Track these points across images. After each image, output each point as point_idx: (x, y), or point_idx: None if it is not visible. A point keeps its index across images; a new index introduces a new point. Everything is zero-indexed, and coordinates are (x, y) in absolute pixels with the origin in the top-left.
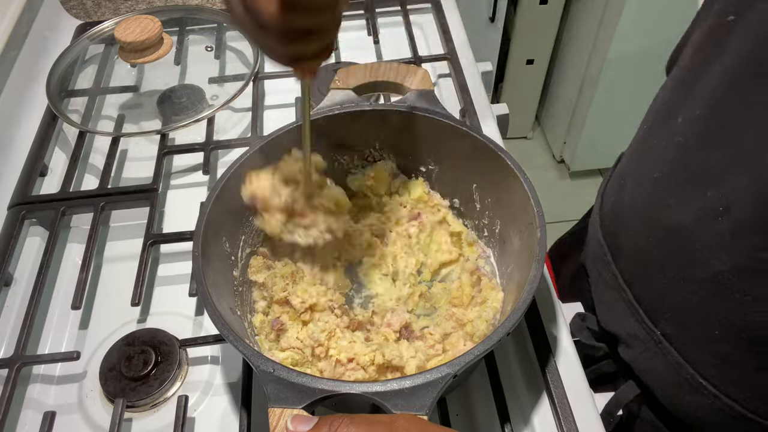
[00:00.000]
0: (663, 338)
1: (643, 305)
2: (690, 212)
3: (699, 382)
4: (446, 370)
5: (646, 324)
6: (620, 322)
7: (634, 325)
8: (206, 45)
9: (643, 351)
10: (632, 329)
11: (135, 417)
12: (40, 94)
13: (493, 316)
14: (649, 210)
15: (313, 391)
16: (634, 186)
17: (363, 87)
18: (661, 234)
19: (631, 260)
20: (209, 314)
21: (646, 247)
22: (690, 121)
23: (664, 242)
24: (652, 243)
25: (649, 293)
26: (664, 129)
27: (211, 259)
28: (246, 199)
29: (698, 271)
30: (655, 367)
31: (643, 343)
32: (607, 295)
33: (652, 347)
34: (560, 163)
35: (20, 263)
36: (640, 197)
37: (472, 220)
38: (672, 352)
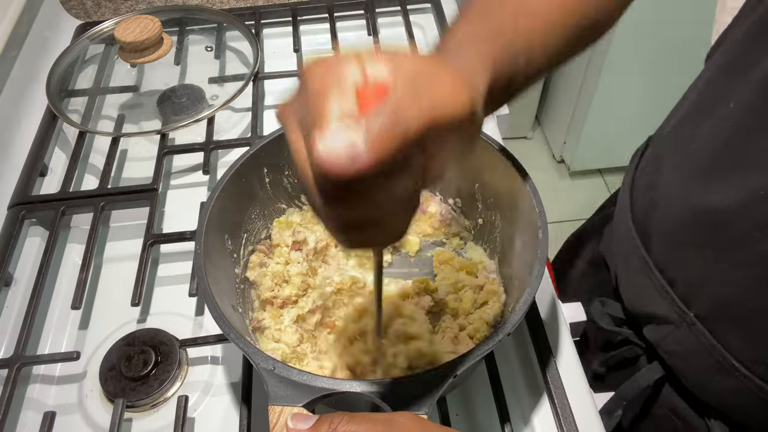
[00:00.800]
0: (696, 320)
1: (677, 288)
2: (738, 195)
3: (731, 364)
4: (447, 370)
5: (679, 306)
6: (650, 305)
7: (665, 307)
8: (206, 45)
9: (673, 331)
10: (663, 311)
11: (135, 417)
12: (40, 94)
13: (494, 317)
14: (690, 193)
15: (313, 390)
16: (672, 170)
17: None
18: (702, 217)
19: (665, 243)
20: (210, 311)
21: (684, 230)
22: (742, 105)
23: (706, 225)
24: (691, 226)
25: (683, 276)
26: (709, 114)
27: (213, 256)
28: None
29: (742, 254)
30: (684, 348)
31: (674, 324)
32: (635, 279)
33: (684, 329)
34: (560, 163)
35: (20, 263)
36: (679, 181)
37: (473, 220)
38: (705, 333)
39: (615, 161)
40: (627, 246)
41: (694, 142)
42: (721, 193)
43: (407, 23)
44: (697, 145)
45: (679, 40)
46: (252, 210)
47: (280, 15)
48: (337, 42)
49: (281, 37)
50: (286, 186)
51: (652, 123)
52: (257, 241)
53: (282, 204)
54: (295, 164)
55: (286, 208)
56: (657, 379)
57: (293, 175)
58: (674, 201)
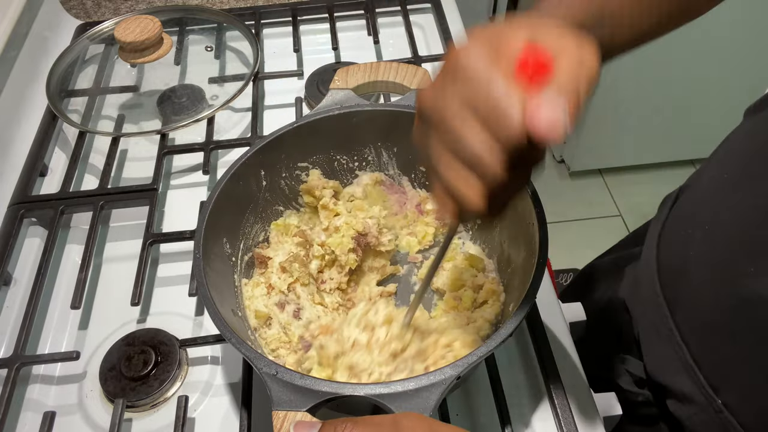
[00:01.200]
0: (724, 408)
1: (704, 370)
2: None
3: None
4: (450, 372)
5: (705, 390)
6: (673, 379)
7: (690, 386)
8: (206, 45)
9: (698, 413)
10: (688, 390)
11: (135, 417)
12: (40, 94)
13: (495, 317)
14: (723, 273)
15: (316, 394)
16: (706, 241)
17: (362, 87)
18: (735, 302)
19: (694, 321)
20: (211, 316)
21: (716, 312)
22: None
23: (739, 312)
24: (723, 309)
25: (712, 359)
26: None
27: (212, 259)
28: None
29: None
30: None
31: (700, 406)
32: (659, 347)
33: (711, 413)
34: (560, 163)
35: (20, 263)
36: (713, 255)
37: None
38: (733, 422)
39: (615, 161)
40: (651, 310)
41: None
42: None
43: (407, 23)
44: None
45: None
46: (249, 213)
47: (280, 15)
48: (337, 41)
49: (281, 37)
50: (284, 188)
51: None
52: (255, 244)
53: (279, 206)
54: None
55: (283, 210)
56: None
57: (290, 177)
58: (707, 279)
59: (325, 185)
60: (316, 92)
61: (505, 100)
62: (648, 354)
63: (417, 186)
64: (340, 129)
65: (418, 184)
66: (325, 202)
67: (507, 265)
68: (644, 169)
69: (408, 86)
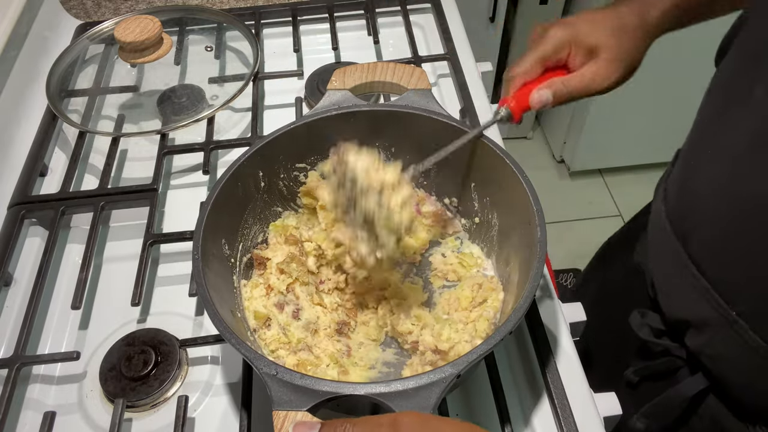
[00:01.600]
0: (739, 318)
1: (719, 288)
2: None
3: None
4: (450, 370)
5: (722, 306)
6: (690, 308)
7: (706, 309)
8: (206, 45)
9: (715, 335)
10: (704, 314)
11: (135, 417)
12: (40, 94)
13: (494, 316)
14: (728, 186)
15: (316, 393)
16: (707, 167)
17: (360, 87)
18: (743, 207)
19: (704, 242)
20: (210, 317)
21: (724, 224)
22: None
23: (746, 216)
24: (732, 219)
25: (725, 273)
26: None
27: (211, 260)
28: None
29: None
30: (728, 350)
31: (716, 327)
32: (675, 284)
33: (727, 330)
34: (560, 163)
35: (20, 263)
36: (715, 175)
37: (469, 219)
38: (748, 332)
39: (615, 161)
40: (665, 251)
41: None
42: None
43: (407, 23)
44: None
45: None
46: (248, 214)
47: (280, 15)
48: (337, 41)
49: (281, 37)
50: (282, 189)
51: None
52: (254, 246)
53: (278, 207)
54: None
55: (282, 212)
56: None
57: (288, 178)
58: (715, 194)
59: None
60: (316, 92)
61: None
62: (665, 297)
63: (415, 186)
64: (337, 130)
65: (416, 185)
66: (323, 204)
67: (506, 264)
68: (644, 169)
69: (405, 86)
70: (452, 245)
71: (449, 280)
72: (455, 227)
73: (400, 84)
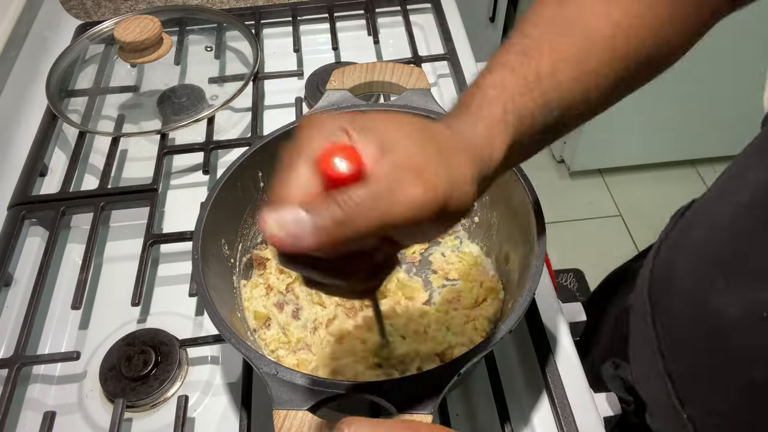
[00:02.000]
0: (688, 422)
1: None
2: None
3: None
4: (450, 369)
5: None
6: (650, 388)
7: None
8: (206, 45)
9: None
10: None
11: (135, 417)
12: (40, 94)
13: (494, 315)
14: (698, 286)
15: (317, 393)
16: (691, 255)
17: (359, 87)
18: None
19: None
20: (210, 317)
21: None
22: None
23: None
24: (694, 322)
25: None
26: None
27: (211, 260)
28: None
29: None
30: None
31: (670, 420)
32: (641, 355)
33: (678, 427)
34: (560, 163)
35: (20, 263)
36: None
37: (469, 219)
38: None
39: (615, 161)
40: (640, 318)
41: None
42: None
43: (407, 23)
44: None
45: None
46: (248, 214)
47: (280, 15)
48: (337, 41)
49: (281, 37)
50: None
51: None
52: (253, 246)
53: None
54: None
55: None
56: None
57: None
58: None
59: None
60: (316, 92)
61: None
62: (633, 361)
63: None
64: None
65: None
66: None
67: (506, 263)
68: (644, 169)
69: (404, 86)
70: (452, 244)
71: (449, 279)
72: (455, 226)
73: (399, 84)
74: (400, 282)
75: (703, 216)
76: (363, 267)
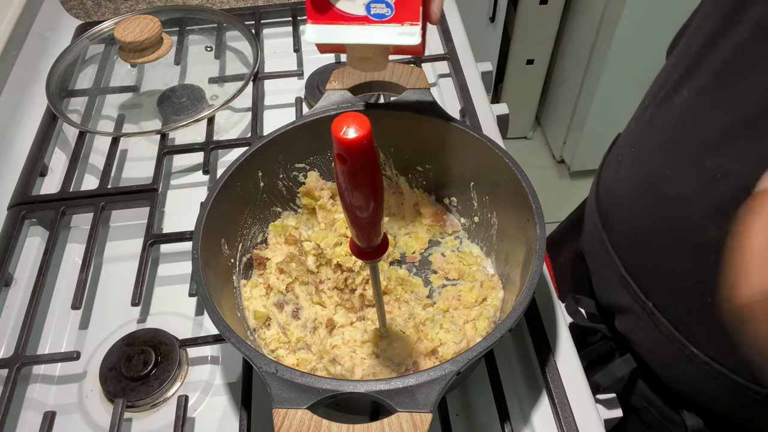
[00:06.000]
0: (655, 309)
1: (636, 278)
2: (689, 180)
3: (691, 351)
4: (450, 368)
5: (639, 296)
6: (615, 296)
7: (627, 297)
8: (206, 45)
9: (637, 322)
10: (626, 302)
11: (135, 417)
12: (40, 94)
13: (494, 314)
14: (646, 182)
15: (317, 391)
16: (631, 161)
17: (359, 87)
18: (656, 204)
19: (624, 233)
20: (210, 317)
21: (640, 218)
22: (694, 91)
23: (660, 212)
24: (647, 214)
25: (641, 265)
26: (665, 104)
27: (211, 261)
28: None
29: (694, 239)
30: (649, 338)
31: (637, 315)
32: (601, 271)
33: (645, 318)
34: (560, 163)
35: (20, 263)
36: (637, 170)
37: (469, 219)
38: (663, 322)
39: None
40: (594, 239)
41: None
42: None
43: None
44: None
45: None
46: (247, 214)
47: (280, 15)
48: None
49: (281, 37)
50: (281, 189)
51: None
52: (253, 246)
53: (277, 207)
54: None
55: (281, 212)
56: (632, 371)
57: (287, 178)
58: (633, 191)
59: (323, 186)
60: (316, 92)
61: None
62: (595, 282)
63: (414, 186)
64: None
65: (415, 185)
66: (322, 203)
67: (506, 263)
68: None
69: (404, 86)
70: (452, 244)
71: (449, 278)
72: (455, 226)
73: (399, 84)
74: (400, 278)
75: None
76: None
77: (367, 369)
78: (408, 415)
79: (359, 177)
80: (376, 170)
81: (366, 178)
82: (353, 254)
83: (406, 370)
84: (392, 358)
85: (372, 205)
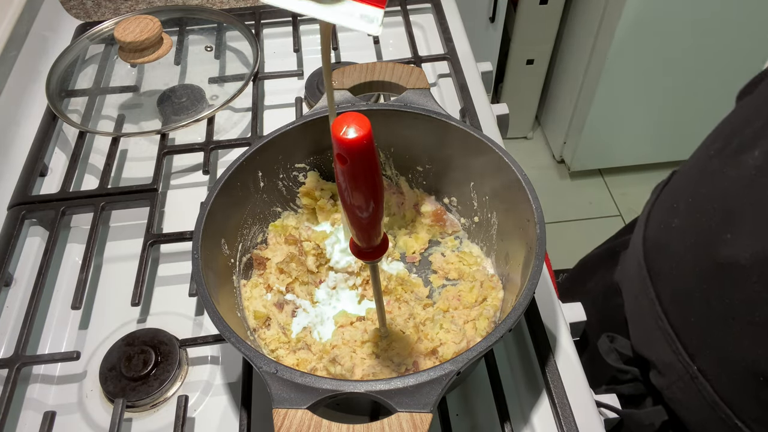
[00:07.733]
0: (699, 374)
1: (681, 337)
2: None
3: (734, 423)
4: (450, 367)
5: (683, 357)
6: (654, 349)
7: (669, 355)
8: (206, 45)
9: (677, 381)
10: (667, 358)
11: (135, 417)
12: (40, 94)
13: (494, 314)
14: (702, 240)
15: (317, 391)
16: (688, 211)
17: (359, 87)
18: (711, 268)
19: (673, 288)
20: (210, 317)
21: (692, 278)
22: None
23: (715, 277)
24: (700, 275)
25: (688, 325)
26: (734, 160)
27: (211, 260)
28: None
29: (750, 313)
30: (688, 400)
31: (678, 374)
32: (642, 319)
33: (687, 380)
34: (560, 163)
35: (20, 263)
36: (693, 224)
37: (468, 219)
38: (707, 388)
39: (615, 161)
40: (637, 284)
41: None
42: (735, 247)
43: (407, 23)
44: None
45: (680, 41)
46: (247, 214)
47: (280, 15)
48: (337, 41)
49: (281, 37)
50: (281, 189)
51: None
52: (253, 246)
53: (277, 207)
54: None
55: (281, 212)
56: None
57: (287, 178)
58: (686, 247)
59: (323, 187)
60: (316, 92)
61: None
62: (633, 327)
63: (414, 186)
64: None
65: (415, 185)
66: (322, 204)
67: (506, 263)
68: (644, 169)
69: (404, 86)
70: (452, 244)
71: (449, 278)
72: (455, 226)
73: (399, 84)
74: (400, 277)
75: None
76: None
77: (367, 369)
78: (408, 415)
79: (359, 177)
80: (376, 170)
81: (366, 178)
82: (353, 254)
83: (406, 370)
84: (392, 358)
85: (372, 205)
